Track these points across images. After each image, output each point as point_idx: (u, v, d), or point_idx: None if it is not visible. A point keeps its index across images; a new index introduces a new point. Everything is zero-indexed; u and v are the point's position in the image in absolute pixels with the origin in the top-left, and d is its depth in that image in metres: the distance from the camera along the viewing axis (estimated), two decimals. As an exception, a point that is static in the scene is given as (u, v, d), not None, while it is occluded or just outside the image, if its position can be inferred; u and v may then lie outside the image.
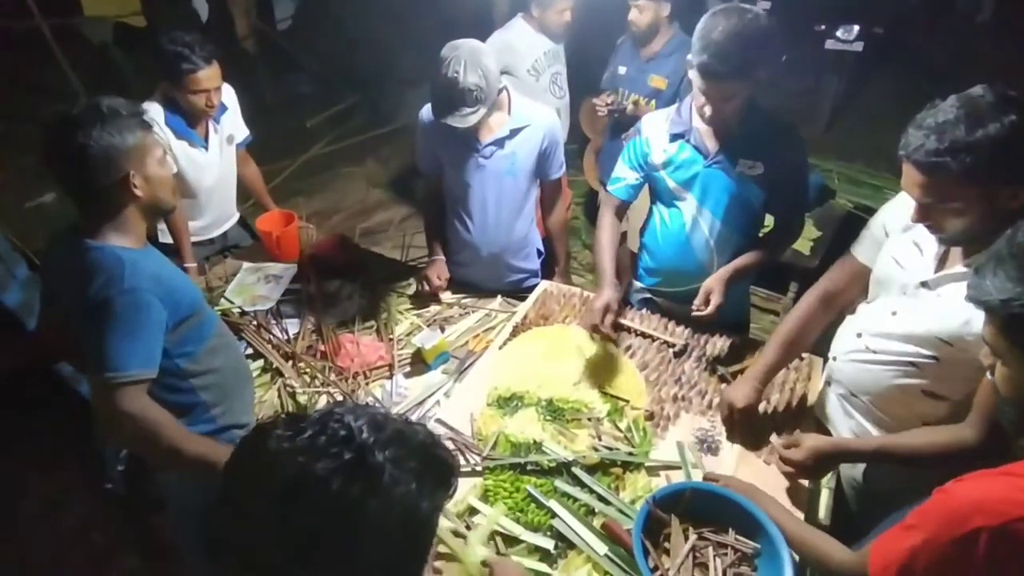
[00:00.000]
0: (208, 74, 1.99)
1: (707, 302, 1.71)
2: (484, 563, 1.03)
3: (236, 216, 2.50)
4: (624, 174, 1.91)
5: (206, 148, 2.19)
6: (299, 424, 0.65)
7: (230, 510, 0.63)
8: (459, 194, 2.07)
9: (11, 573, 2.06)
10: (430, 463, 0.69)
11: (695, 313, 1.72)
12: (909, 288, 1.33)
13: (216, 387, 1.48)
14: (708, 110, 1.62)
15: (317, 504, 0.61)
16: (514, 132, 1.96)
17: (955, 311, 1.23)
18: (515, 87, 2.04)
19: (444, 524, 1.34)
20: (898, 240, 1.39)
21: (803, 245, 3.10)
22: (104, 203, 1.28)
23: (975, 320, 1.21)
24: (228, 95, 2.23)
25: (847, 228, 3.33)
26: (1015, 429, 0.91)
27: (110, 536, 2.16)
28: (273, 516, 0.61)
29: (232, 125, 2.28)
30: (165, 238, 2.21)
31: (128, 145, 1.25)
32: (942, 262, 1.30)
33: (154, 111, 2.03)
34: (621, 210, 1.96)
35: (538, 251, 2.26)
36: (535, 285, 2.16)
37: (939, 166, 1.12)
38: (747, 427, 1.56)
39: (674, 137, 1.77)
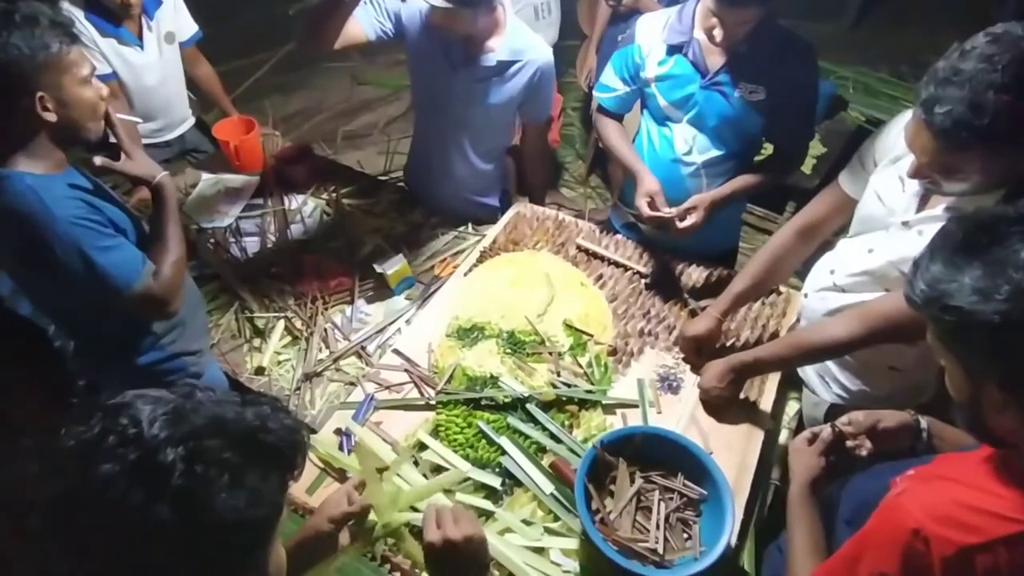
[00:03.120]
0: None
1: (685, 217, 1.60)
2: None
3: (191, 119, 2.34)
4: (613, 83, 1.72)
5: (141, 47, 2.00)
6: (88, 419, 0.58)
7: (10, 522, 0.59)
8: (424, 112, 1.90)
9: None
10: (254, 452, 0.62)
11: (675, 219, 1.59)
12: (891, 227, 1.23)
13: None
14: (719, 34, 1.43)
15: (96, 513, 0.55)
16: (501, 65, 1.73)
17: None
18: None
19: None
20: (884, 171, 1.26)
21: (804, 163, 2.91)
22: (7, 125, 1.13)
23: None
24: None
25: (856, 145, 3.08)
26: (975, 436, 0.81)
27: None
28: (49, 530, 0.56)
29: (172, 21, 2.08)
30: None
31: (38, 60, 1.08)
32: (923, 201, 1.18)
33: (69, 5, 1.82)
34: (613, 115, 1.80)
35: (503, 191, 2.09)
36: (495, 223, 2.00)
37: (962, 140, 0.94)
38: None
39: (671, 50, 1.57)
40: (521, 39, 1.74)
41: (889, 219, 1.23)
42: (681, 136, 1.66)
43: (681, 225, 1.59)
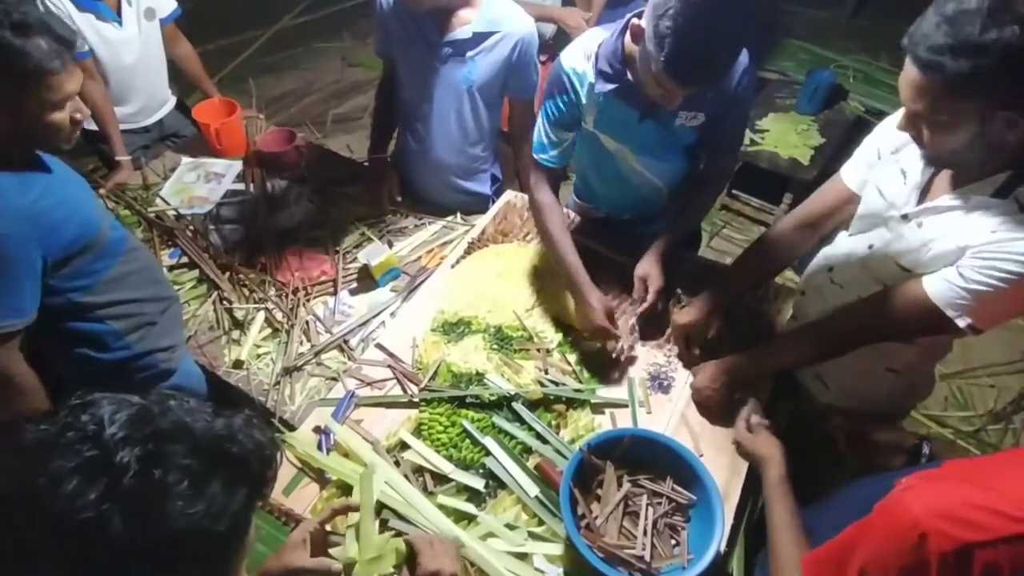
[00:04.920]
0: None
1: (646, 289, 1.49)
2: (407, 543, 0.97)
3: (172, 101, 2.26)
4: (558, 136, 1.53)
5: (120, 23, 1.92)
6: (53, 416, 0.58)
7: None
8: (406, 95, 1.83)
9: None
10: (218, 462, 0.59)
11: (636, 303, 1.50)
12: (891, 222, 1.18)
13: (128, 316, 1.35)
14: (668, 104, 1.32)
15: (45, 511, 0.53)
16: (478, 37, 1.65)
17: (929, 242, 1.09)
18: None
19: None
20: (886, 164, 1.21)
21: (802, 153, 2.86)
22: None
23: (935, 243, 1.07)
24: None
25: (855, 135, 3.04)
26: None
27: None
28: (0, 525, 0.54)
29: None
30: (90, 125, 1.99)
31: (29, 68, 1.00)
32: (924, 193, 1.13)
33: None
34: (557, 178, 1.63)
35: (493, 176, 2.02)
36: (485, 211, 1.93)
37: (934, 66, 0.91)
38: (698, 353, 1.46)
39: (607, 97, 1.43)
40: (497, 9, 1.66)
41: (889, 213, 1.18)
42: (627, 163, 1.58)
43: (648, 301, 1.48)
